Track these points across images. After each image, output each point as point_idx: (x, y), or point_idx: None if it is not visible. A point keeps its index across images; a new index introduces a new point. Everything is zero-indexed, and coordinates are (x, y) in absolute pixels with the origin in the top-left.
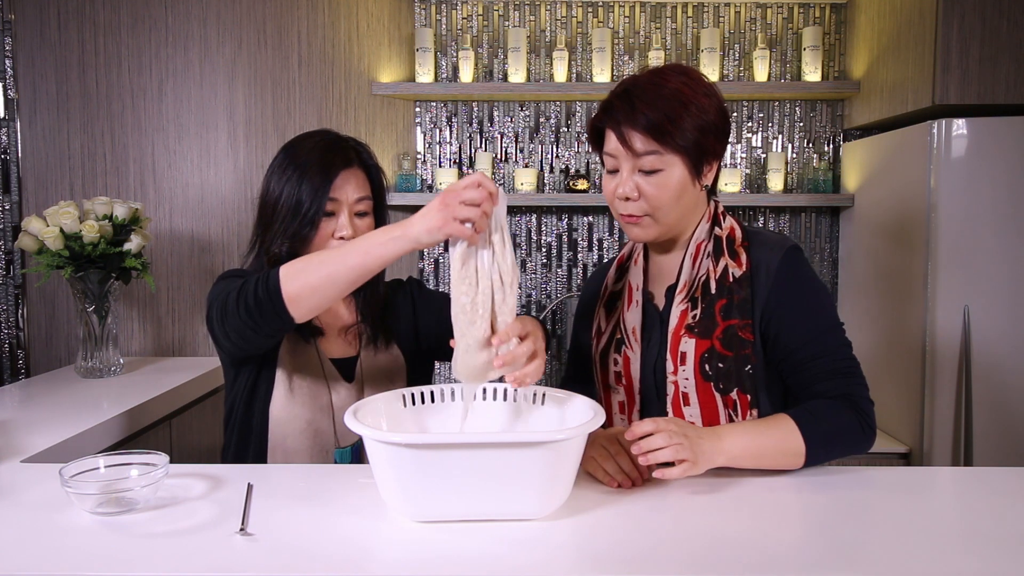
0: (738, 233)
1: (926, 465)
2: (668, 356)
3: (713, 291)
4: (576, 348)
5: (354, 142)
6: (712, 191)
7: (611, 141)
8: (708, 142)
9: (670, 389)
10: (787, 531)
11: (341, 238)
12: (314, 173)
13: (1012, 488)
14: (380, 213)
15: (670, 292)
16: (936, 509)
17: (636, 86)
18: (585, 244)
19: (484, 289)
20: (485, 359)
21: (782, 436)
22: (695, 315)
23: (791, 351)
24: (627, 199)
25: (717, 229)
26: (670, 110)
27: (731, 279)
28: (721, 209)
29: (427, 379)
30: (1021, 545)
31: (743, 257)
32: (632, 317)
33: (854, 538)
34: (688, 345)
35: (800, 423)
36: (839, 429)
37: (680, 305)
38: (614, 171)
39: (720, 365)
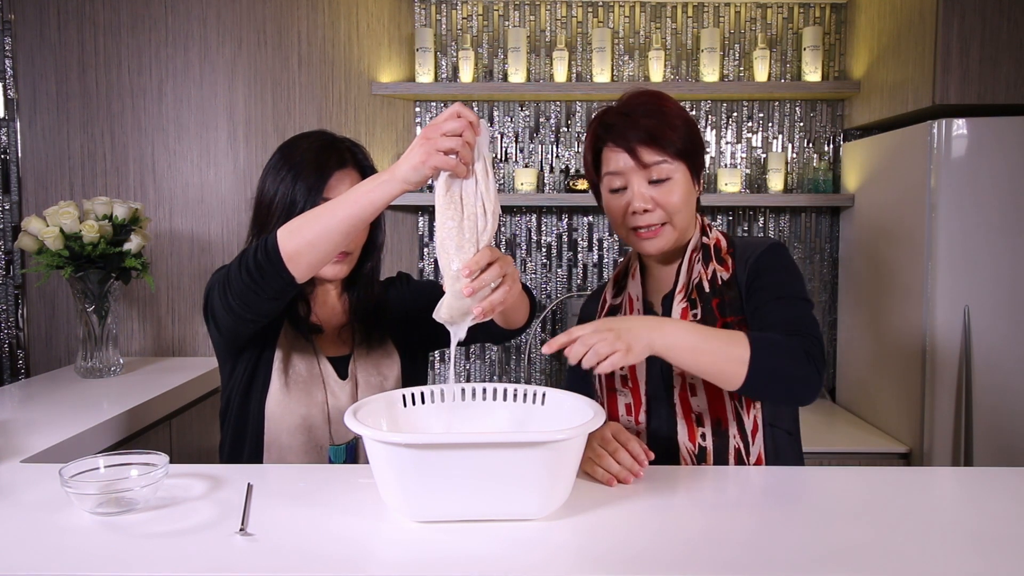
0: (723, 243)
1: (926, 465)
2: None
3: (707, 291)
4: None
5: (349, 143)
6: (696, 205)
7: (614, 160)
8: (698, 150)
9: (677, 382)
10: (787, 531)
11: None
12: (308, 173)
13: (1012, 488)
14: None
15: (667, 299)
16: (936, 509)
17: (627, 106)
18: (585, 244)
19: (470, 215)
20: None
21: (728, 339)
22: (696, 314)
23: (757, 306)
24: (644, 211)
25: (704, 238)
26: (666, 121)
27: (720, 282)
28: (708, 222)
29: (422, 376)
30: (1021, 545)
31: (729, 262)
32: None
33: (854, 538)
34: None
35: (748, 335)
36: (786, 349)
37: (680, 304)
38: (620, 189)
39: None
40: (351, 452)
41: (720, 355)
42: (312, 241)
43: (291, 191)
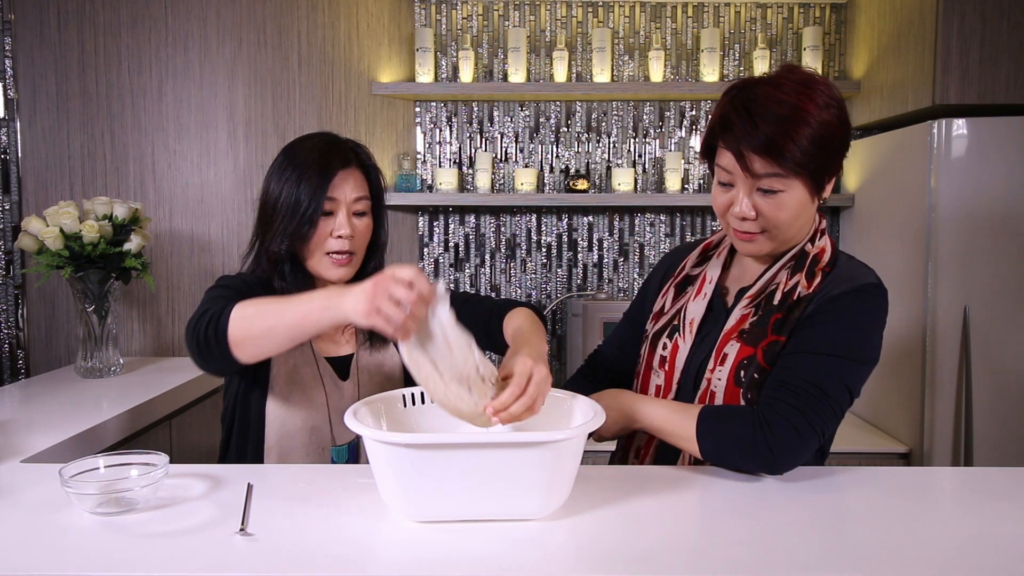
0: (826, 256)
1: (926, 465)
2: (713, 353)
3: (775, 303)
4: (628, 321)
5: (353, 143)
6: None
7: (726, 158)
8: (830, 159)
9: (703, 385)
10: (787, 531)
11: (339, 237)
12: (312, 173)
13: (1012, 488)
14: (378, 213)
15: (741, 294)
16: (936, 509)
17: (754, 101)
18: (585, 244)
19: (443, 361)
20: (474, 410)
21: (682, 417)
22: (753, 321)
23: (790, 351)
24: (744, 219)
25: (808, 245)
26: (792, 130)
27: (795, 297)
28: (823, 226)
29: None
30: (1021, 545)
31: (817, 280)
32: (695, 308)
33: (854, 538)
34: (732, 348)
35: (703, 413)
36: (735, 421)
37: (744, 309)
38: (727, 184)
39: (755, 376)
40: (353, 452)
41: (679, 433)
42: (257, 336)
43: (296, 190)
